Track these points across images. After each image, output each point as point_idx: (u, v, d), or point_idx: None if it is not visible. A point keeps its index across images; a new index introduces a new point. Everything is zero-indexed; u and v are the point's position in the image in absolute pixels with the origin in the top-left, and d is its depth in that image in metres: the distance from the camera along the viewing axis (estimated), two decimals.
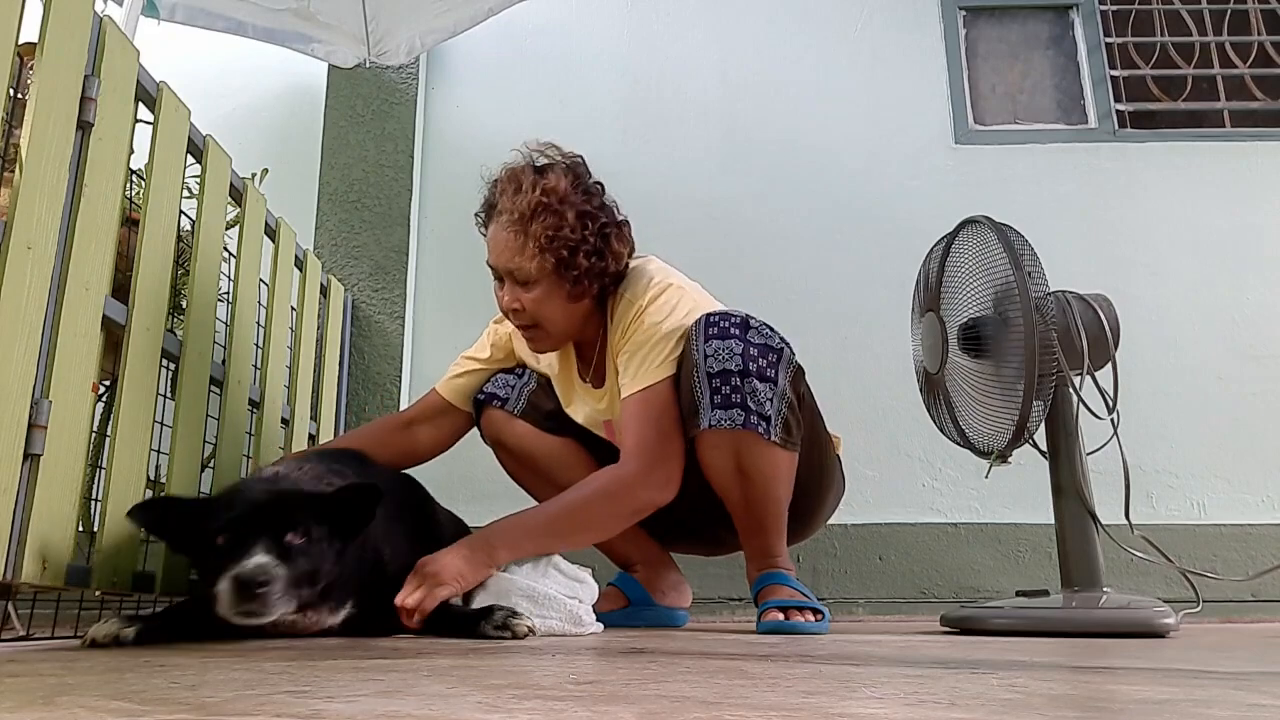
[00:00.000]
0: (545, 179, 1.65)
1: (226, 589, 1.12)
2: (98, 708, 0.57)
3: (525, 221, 1.62)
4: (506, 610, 1.31)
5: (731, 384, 1.61)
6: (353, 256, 2.92)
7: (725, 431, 1.61)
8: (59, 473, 1.26)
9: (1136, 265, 2.96)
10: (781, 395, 1.65)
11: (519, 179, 1.66)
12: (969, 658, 1.03)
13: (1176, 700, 0.63)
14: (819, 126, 3.15)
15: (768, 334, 1.68)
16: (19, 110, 1.34)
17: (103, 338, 1.39)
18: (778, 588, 1.69)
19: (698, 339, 1.64)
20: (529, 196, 1.63)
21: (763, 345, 1.65)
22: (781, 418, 1.64)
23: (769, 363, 1.64)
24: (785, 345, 1.70)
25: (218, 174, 1.80)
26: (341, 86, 3.10)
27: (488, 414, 1.89)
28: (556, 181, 1.65)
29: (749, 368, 1.61)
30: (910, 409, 2.26)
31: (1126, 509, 1.77)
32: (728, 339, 1.63)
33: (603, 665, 0.89)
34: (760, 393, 1.62)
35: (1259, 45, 3.32)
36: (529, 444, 1.87)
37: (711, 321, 1.65)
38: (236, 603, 1.12)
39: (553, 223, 1.62)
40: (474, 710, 0.56)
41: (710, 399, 1.61)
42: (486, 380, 1.92)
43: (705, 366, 1.62)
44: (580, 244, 1.64)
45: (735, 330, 1.64)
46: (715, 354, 1.62)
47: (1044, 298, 1.74)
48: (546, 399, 1.89)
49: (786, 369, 1.67)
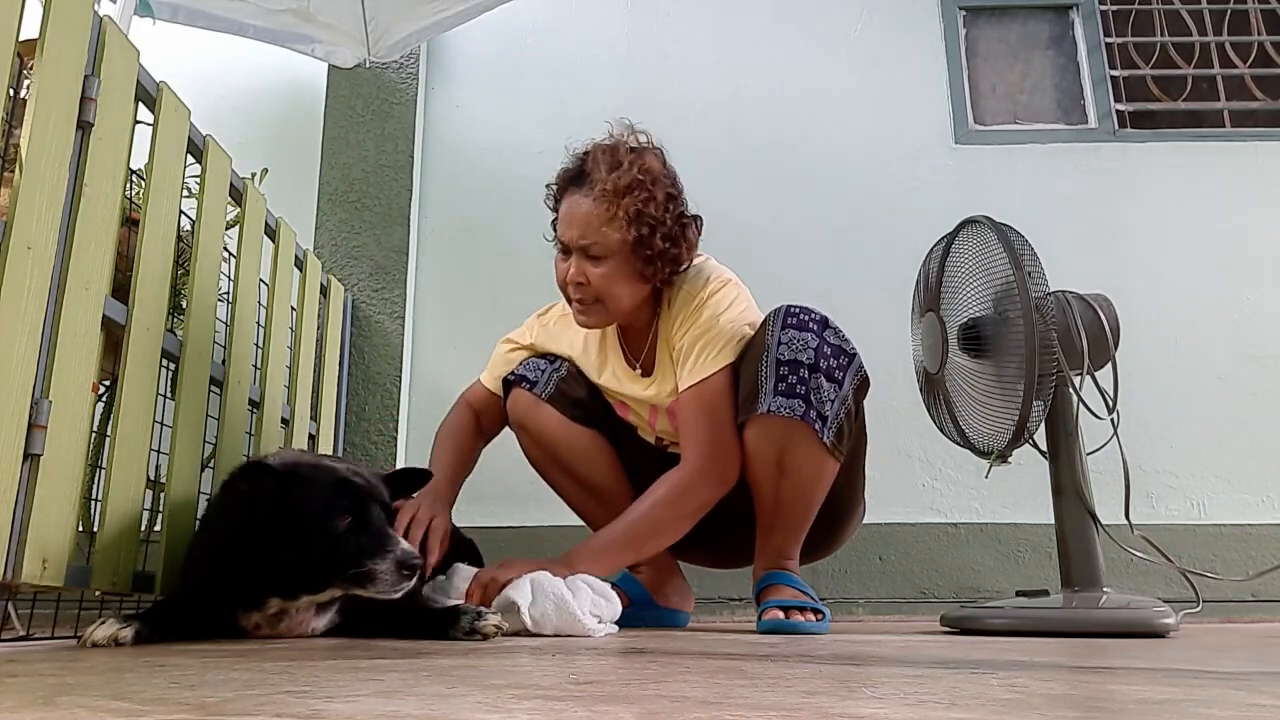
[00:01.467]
0: (643, 159, 1.68)
1: (389, 568, 1.24)
2: (98, 708, 0.56)
3: (619, 195, 1.64)
4: (472, 613, 1.29)
5: (799, 375, 1.62)
6: (353, 256, 2.92)
7: (780, 420, 1.61)
8: (59, 473, 1.26)
9: (1136, 265, 2.96)
10: (844, 400, 1.66)
11: (617, 154, 1.68)
12: (969, 658, 1.03)
13: (1176, 700, 0.63)
14: (819, 126, 3.16)
15: (844, 337, 1.70)
16: (19, 110, 1.34)
17: (103, 338, 1.39)
18: (780, 587, 1.69)
19: (775, 325, 1.67)
20: (627, 173, 1.64)
21: (837, 346, 1.67)
22: (838, 422, 1.65)
23: (839, 365, 1.66)
24: (857, 354, 1.71)
25: (218, 174, 1.80)
26: (341, 86, 3.10)
27: (515, 394, 1.87)
28: (653, 162, 1.69)
29: (819, 364, 1.63)
30: (910, 409, 2.26)
31: (1126, 509, 1.77)
32: (805, 331, 1.65)
33: (603, 665, 0.89)
34: (825, 391, 1.63)
35: (1259, 45, 3.32)
36: (553, 431, 1.85)
37: (792, 312, 1.68)
38: (398, 580, 1.24)
39: (643, 198, 1.65)
40: (474, 710, 0.56)
41: (774, 385, 1.62)
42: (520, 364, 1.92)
43: (777, 353, 1.63)
44: (659, 225, 1.67)
45: (814, 325, 1.66)
46: (790, 343, 1.64)
47: (1044, 298, 1.74)
48: (576, 387, 1.88)
49: (854, 376, 1.69)
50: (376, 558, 1.24)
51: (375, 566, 1.23)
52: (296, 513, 1.24)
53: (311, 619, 1.34)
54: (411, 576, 1.25)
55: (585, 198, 1.67)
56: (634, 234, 1.64)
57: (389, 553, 1.25)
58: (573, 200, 1.70)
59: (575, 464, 1.86)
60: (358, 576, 1.24)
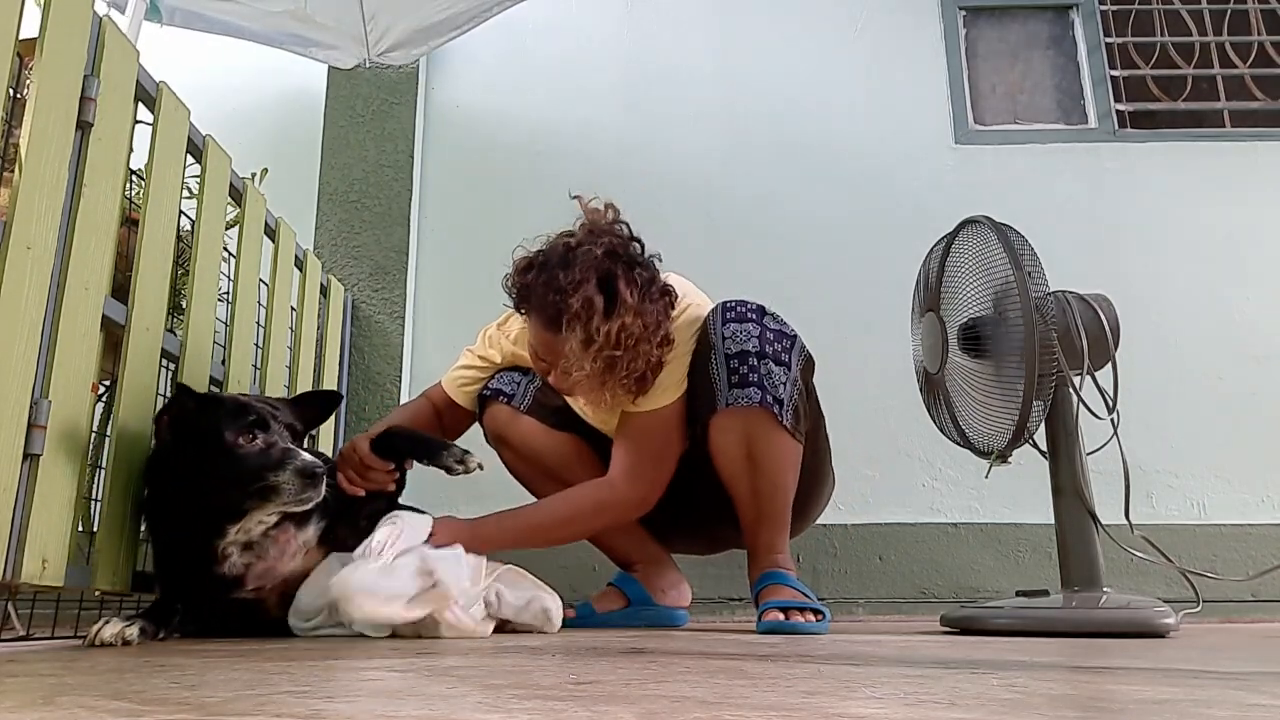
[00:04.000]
0: (618, 318, 1.54)
1: (290, 478, 1.29)
2: (98, 708, 0.56)
3: (601, 374, 1.58)
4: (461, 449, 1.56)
5: (749, 364, 1.66)
6: (353, 256, 2.92)
7: (740, 412, 1.65)
8: (59, 473, 1.26)
9: (1136, 265, 2.96)
10: (794, 381, 1.70)
11: (590, 321, 1.53)
12: (969, 658, 1.03)
13: (1176, 700, 0.63)
14: (819, 126, 3.15)
15: (782, 321, 1.74)
16: (19, 110, 1.34)
17: (102, 338, 1.39)
18: (778, 588, 1.69)
19: (716, 323, 1.69)
20: (604, 350, 1.55)
21: (778, 331, 1.71)
22: (793, 404, 1.69)
23: (784, 348, 1.70)
24: (798, 335, 1.76)
25: (217, 174, 1.80)
26: (341, 86, 3.10)
27: (492, 409, 1.88)
28: (628, 319, 1.55)
29: (765, 350, 1.67)
30: (910, 409, 2.26)
31: (1126, 509, 1.77)
32: (745, 322, 1.69)
33: (603, 665, 0.89)
34: (775, 375, 1.67)
35: (1259, 45, 3.32)
36: (535, 441, 1.87)
37: (729, 306, 1.71)
38: (301, 489, 1.29)
39: (628, 363, 1.58)
40: (474, 710, 0.56)
41: (728, 379, 1.66)
42: (491, 378, 1.92)
43: (724, 348, 1.66)
44: (648, 366, 1.63)
45: (752, 315, 1.70)
46: (733, 336, 1.67)
47: (1044, 298, 1.74)
48: (553, 396, 1.88)
49: (799, 356, 1.74)
50: (278, 470, 1.29)
51: (278, 479, 1.29)
52: (203, 433, 1.32)
53: (293, 540, 1.41)
54: (315, 484, 1.30)
55: (560, 348, 1.58)
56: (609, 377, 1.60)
57: (288, 464, 1.30)
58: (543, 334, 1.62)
59: (561, 469, 1.86)
60: (263, 490, 1.29)
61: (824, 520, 2.38)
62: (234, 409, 1.35)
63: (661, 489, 1.74)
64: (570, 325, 1.54)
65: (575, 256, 1.56)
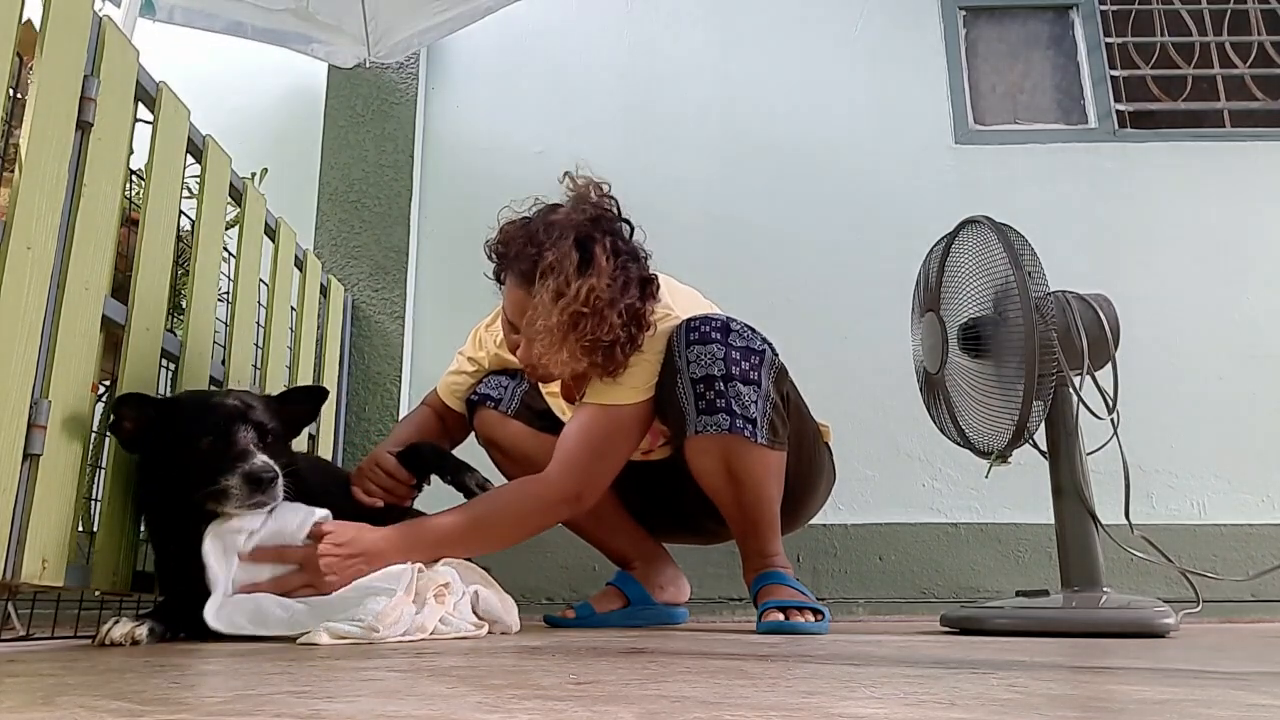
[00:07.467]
0: (589, 278, 1.53)
1: (238, 483, 1.25)
2: (98, 708, 0.56)
3: (565, 329, 1.54)
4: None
5: (715, 389, 1.60)
6: (353, 256, 2.92)
7: (712, 437, 1.62)
8: (59, 473, 1.26)
9: (1136, 265, 2.96)
10: (766, 397, 1.65)
11: (561, 275, 1.53)
12: (969, 658, 1.03)
13: (1176, 700, 0.63)
14: (819, 127, 3.15)
15: (749, 336, 1.66)
16: (19, 110, 1.34)
17: (102, 338, 1.39)
18: (778, 587, 1.69)
19: (680, 345, 1.64)
20: (571, 305, 1.52)
21: (744, 348, 1.64)
22: (767, 419, 1.64)
23: (751, 365, 1.64)
24: (767, 346, 1.69)
25: (217, 174, 1.80)
26: (341, 86, 3.10)
27: (481, 414, 1.90)
28: (598, 280, 1.53)
29: (731, 371, 1.61)
30: (910, 409, 2.26)
31: (1126, 509, 1.77)
32: (709, 344, 1.62)
33: (603, 665, 0.89)
34: (744, 396, 1.62)
35: (1259, 45, 3.32)
36: (523, 444, 1.88)
37: (692, 327, 1.64)
38: (249, 495, 1.26)
39: (593, 326, 1.54)
40: (474, 710, 0.56)
41: (696, 405, 1.62)
42: (479, 382, 1.93)
43: (689, 373, 1.62)
44: (616, 340, 1.58)
45: (716, 335, 1.63)
46: (698, 359, 1.62)
47: (1044, 298, 1.74)
48: (540, 399, 1.91)
49: (769, 371, 1.67)
50: (229, 474, 1.26)
51: (227, 483, 1.26)
52: (166, 437, 1.31)
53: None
54: (261, 489, 1.26)
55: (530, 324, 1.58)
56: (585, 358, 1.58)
57: (238, 468, 1.26)
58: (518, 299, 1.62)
59: None
60: (215, 494, 1.27)
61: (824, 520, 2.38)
62: (192, 411, 1.34)
63: (598, 491, 1.66)
64: (543, 278, 1.55)
65: (557, 217, 1.60)
